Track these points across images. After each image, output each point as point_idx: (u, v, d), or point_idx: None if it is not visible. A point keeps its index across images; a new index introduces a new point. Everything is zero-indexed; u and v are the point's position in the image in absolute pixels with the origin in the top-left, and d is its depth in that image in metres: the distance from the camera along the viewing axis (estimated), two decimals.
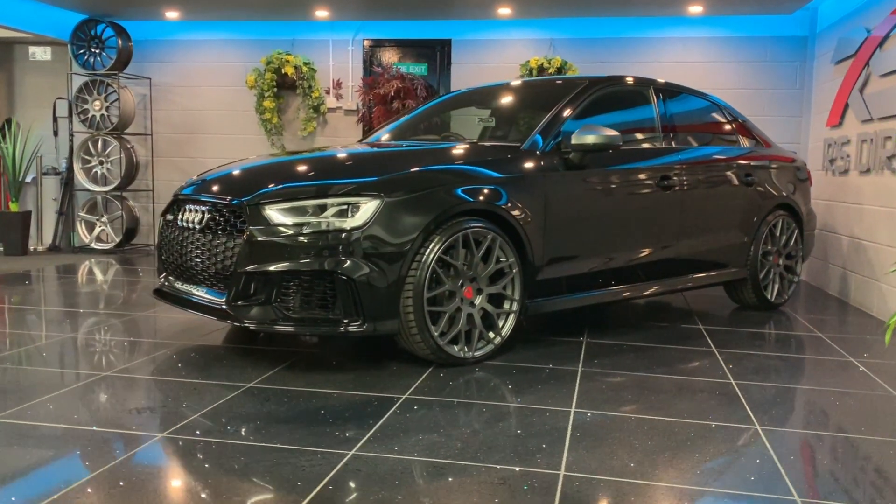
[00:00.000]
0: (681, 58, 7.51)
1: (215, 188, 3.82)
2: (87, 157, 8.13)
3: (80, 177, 8.10)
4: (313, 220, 3.42)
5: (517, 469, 2.42)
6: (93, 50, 7.93)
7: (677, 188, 4.65)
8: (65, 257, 7.65)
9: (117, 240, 8.05)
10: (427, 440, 2.66)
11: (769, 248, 5.37)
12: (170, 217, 4.03)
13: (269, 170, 4.09)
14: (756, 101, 7.40)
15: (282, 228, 3.43)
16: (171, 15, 7.82)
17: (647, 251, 4.56)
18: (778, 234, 5.41)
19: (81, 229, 8.18)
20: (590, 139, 4.04)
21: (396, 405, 3.05)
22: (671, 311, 5.35)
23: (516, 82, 5.18)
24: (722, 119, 5.41)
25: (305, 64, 7.95)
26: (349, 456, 2.50)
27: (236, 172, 4.03)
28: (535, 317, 4.76)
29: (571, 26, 7.61)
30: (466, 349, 3.67)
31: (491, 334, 3.78)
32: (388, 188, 3.49)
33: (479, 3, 6.94)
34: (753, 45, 7.39)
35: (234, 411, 2.94)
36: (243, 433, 2.70)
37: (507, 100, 5.04)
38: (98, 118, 7.97)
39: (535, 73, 7.47)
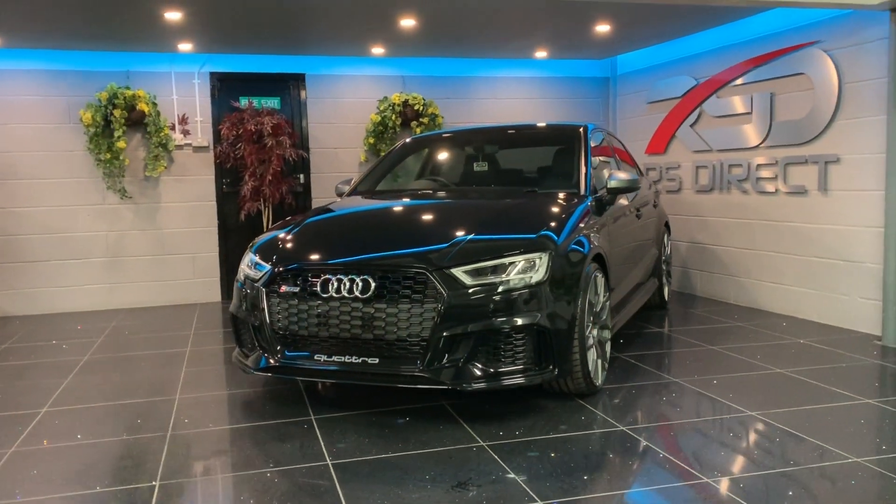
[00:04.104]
0: (514, 95, 8.48)
1: (370, 255, 3.77)
2: None
3: None
4: (502, 277, 3.64)
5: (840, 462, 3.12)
6: None
7: (642, 215, 5.59)
8: None
9: None
10: (770, 458, 3.20)
11: (663, 257, 6.61)
12: (289, 289, 3.81)
13: (410, 228, 4.18)
14: None
15: (474, 289, 3.59)
16: None
17: (638, 272, 5.43)
18: (665, 244, 6.68)
19: None
20: (618, 183, 4.75)
21: (649, 437, 3.49)
22: None
23: (504, 126, 5.75)
24: (622, 148, 6.47)
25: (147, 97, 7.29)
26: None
27: (377, 234, 4.03)
28: None
29: (421, 65, 8.12)
30: (598, 378, 4.17)
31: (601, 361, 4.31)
32: (548, 244, 3.82)
33: (352, 41, 7.10)
34: (570, 85, 8.66)
35: (542, 470, 3.12)
36: (598, 487, 2.96)
37: (507, 143, 5.50)
38: None
39: (397, 108, 7.84)
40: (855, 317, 5.62)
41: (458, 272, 3.61)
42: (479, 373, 3.59)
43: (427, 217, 4.36)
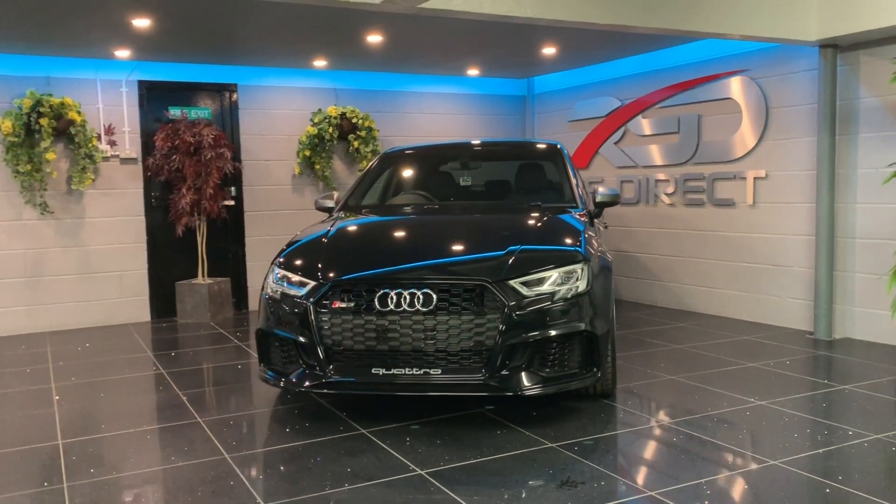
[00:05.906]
0: (439, 110, 8.70)
1: (426, 265, 3.87)
2: None
3: None
4: (553, 287, 3.85)
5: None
6: None
7: (607, 226, 6.01)
8: None
9: None
10: (810, 441, 3.61)
11: None
12: (344, 304, 3.81)
13: (453, 242, 4.27)
14: None
15: (531, 299, 3.78)
16: None
17: None
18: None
19: None
20: (603, 197, 5.09)
21: (697, 430, 3.83)
22: None
23: (483, 142, 6.00)
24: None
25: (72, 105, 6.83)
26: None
27: (423, 248, 4.14)
28: None
29: (353, 78, 8.16)
30: (616, 380, 4.48)
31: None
32: (584, 255, 4.07)
33: (297, 53, 7.05)
34: (490, 102, 9.01)
35: (626, 464, 3.36)
36: (688, 475, 3.25)
37: (490, 158, 5.71)
38: None
39: (334, 121, 7.83)
40: (785, 315, 6.33)
41: (516, 283, 3.78)
42: (536, 379, 3.78)
43: (461, 230, 4.47)
